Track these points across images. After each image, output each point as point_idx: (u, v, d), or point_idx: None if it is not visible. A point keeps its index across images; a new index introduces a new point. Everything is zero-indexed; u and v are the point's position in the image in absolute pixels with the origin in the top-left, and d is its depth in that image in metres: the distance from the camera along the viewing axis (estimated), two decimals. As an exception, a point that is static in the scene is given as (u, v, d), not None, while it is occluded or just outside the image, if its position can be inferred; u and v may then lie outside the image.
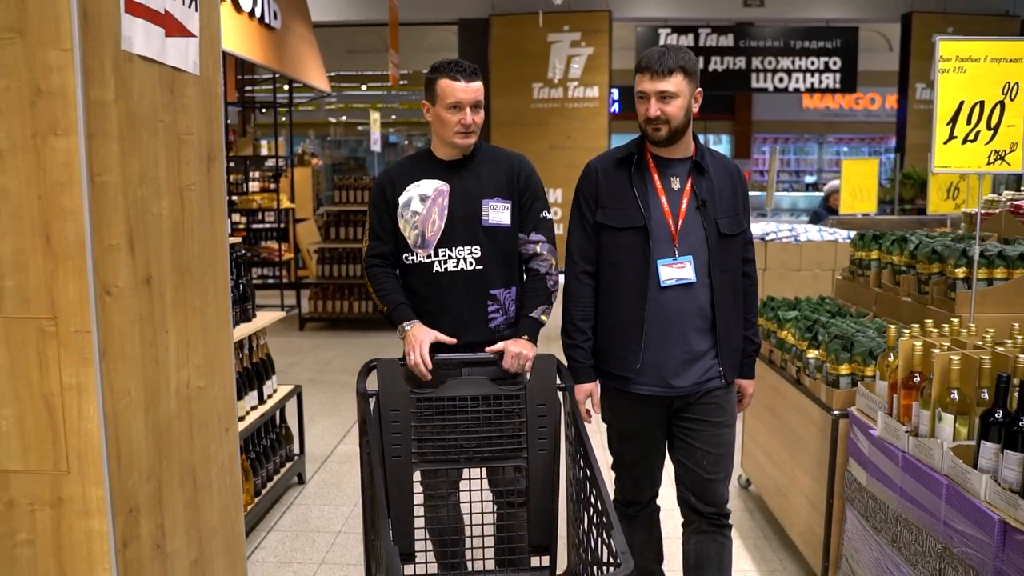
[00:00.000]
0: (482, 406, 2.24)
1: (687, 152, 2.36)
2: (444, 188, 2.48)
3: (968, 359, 2.09)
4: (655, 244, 2.29)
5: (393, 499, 2.22)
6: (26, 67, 1.65)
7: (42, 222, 1.70)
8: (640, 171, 2.35)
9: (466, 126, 2.41)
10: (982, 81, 2.53)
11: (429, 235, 2.48)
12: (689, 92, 2.27)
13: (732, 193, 2.38)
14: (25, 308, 1.72)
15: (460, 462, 2.29)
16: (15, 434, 1.76)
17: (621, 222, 2.33)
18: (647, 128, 2.29)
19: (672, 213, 2.32)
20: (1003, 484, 1.85)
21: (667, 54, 2.24)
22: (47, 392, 1.75)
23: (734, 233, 2.36)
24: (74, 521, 1.79)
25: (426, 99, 2.49)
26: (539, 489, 2.28)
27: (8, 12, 1.64)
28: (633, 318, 2.32)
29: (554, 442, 2.28)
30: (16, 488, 1.79)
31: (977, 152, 2.56)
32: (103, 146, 1.75)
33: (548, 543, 2.31)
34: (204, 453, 2.29)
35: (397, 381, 2.23)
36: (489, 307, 2.49)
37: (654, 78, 2.24)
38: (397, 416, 2.22)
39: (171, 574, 2.08)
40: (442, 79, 2.42)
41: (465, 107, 2.40)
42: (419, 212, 2.48)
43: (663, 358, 2.32)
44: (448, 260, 2.47)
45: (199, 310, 2.25)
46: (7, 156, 1.68)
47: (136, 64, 1.88)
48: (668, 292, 2.30)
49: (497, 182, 2.50)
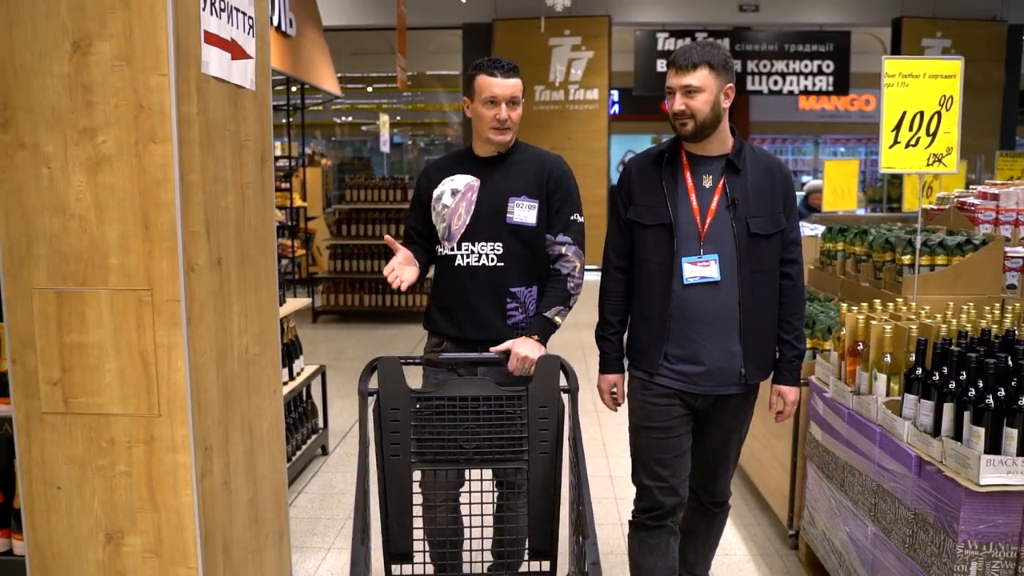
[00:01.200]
0: (483, 407, 2.18)
1: (722, 149, 2.34)
2: (475, 183, 2.51)
3: (899, 329, 2.50)
4: (680, 242, 2.30)
5: (392, 499, 2.19)
6: (131, 88, 2.07)
7: (142, 212, 2.11)
8: (672, 169, 2.35)
9: (501, 121, 2.42)
10: (922, 94, 2.94)
11: (454, 228, 2.51)
12: (717, 87, 2.25)
13: (771, 192, 2.34)
14: (127, 282, 2.14)
15: (460, 463, 2.23)
16: (117, 384, 2.18)
17: (649, 219, 2.34)
18: (675, 123, 2.30)
19: (700, 211, 2.31)
20: (920, 427, 2.26)
21: (693, 49, 2.26)
22: (143, 350, 2.16)
23: (768, 233, 2.32)
24: (163, 455, 2.20)
25: (465, 95, 2.53)
26: (540, 492, 2.22)
27: (119, 44, 2.05)
28: (657, 313, 2.34)
29: (556, 445, 2.23)
30: (116, 428, 2.20)
31: (918, 155, 2.97)
32: (188, 151, 2.16)
33: (548, 548, 2.27)
34: (258, 410, 2.70)
35: (398, 380, 2.18)
36: (508, 304, 2.49)
37: (679, 72, 2.26)
38: (397, 415, 2.17)
39: (234, 507, 2.49)
40: (480, 75, 2.45)
41: (501, 103, 2.42)
42: (448, 205, 2.51)
43: (687, 356, 2.33)
44: (470, 255, 2.49)
45: (254, 288, 2.66)
46: (115, 159, 2.10)
47: (211, 83, 2.30)
48: (692, 290, 2.30)
49: (526, 181, 2.50)
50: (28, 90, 2.09)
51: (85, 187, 2.11)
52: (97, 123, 2.09)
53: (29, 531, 2.27)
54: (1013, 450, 2.00)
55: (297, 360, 4.18)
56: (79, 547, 2.26)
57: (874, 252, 3.43)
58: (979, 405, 2.04)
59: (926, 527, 2.19)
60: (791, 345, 2.43)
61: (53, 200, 2.13)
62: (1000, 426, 2.01)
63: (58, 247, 2.14)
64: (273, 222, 2.84)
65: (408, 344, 7.55)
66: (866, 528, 2.55)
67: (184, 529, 2.23)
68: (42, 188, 2.12)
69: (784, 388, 2.46)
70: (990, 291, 3.09)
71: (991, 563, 2.05)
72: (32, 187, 2.13)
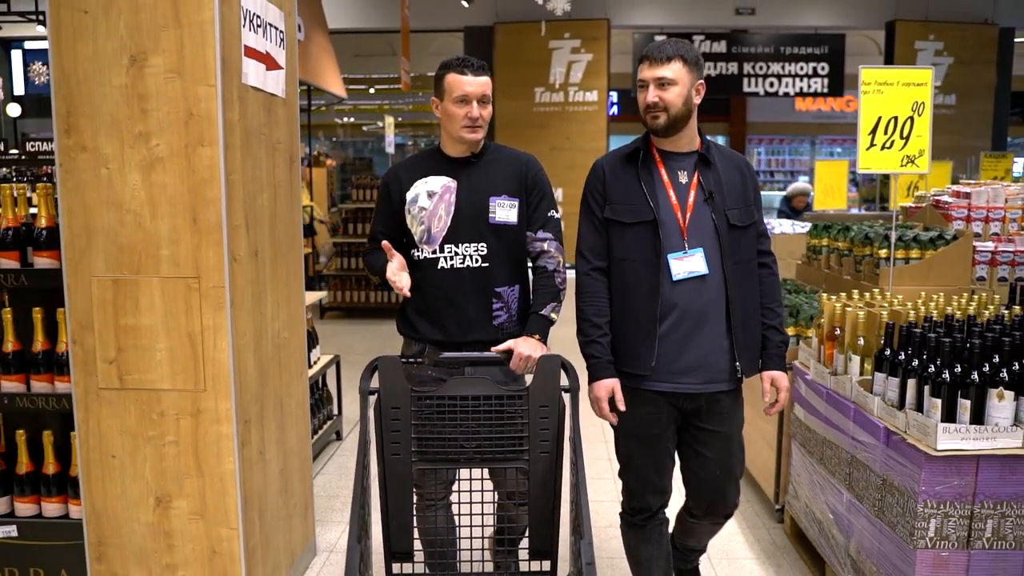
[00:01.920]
0: (483, 406, 2.17)
1: (692, 146, 2.35)
2: (452, 185, 2.46)
3: (871, 315, 2.75)
4: (665, 237, 2.27)
5: (392, 498, 2.18)
6: (182, 98, 2.32)
7: (191, 208, 2.37)
8: (647, 165, 2.33)
9: (473, 119, 2.39)
10: (896, 101, 3.19)
11: (435, 231, 2.46)
12: (689, 82, 2.25)
13: (742, 185, 2.36)
14: (176, 270, 2.39)
15: (460, 462, 2.22)
16: (167, 362, 2.43)
17: (630, 217, 2.30)
18: (646, 117, 2.28)
19: (680, 206, 2.29)
20: (888, 402, 2.52)
21: (667, 43, 2.26)
22: (191, 331, 2.41)
23: (745, 224, 2.34)
24: (208, 427, 2.46)
25: (435, 95, 2.47)
26: (540, 492, 2.21)
27: (171, 59, 2.30)
28: (646, 314, 2.28)
29: (556, 444, 2.21)
30: (166, 402, 2.46)
31: (892, 157, 3.22)
32: (232, 154, 2.42)
33: (549, 548, 2.25)
34: (287, 389, 2.96)
35: (399, 379, 2.16)
36: (494, 305, 2.47)
37: (653, 65, 2.25)
38: (397, 414, 2.16)
39: (267, 475, 2.74)
40: (449, 74, 2.41)
41: (472, 100, 2.38)
42: (426, 208, 2.46)
43: (677, 353, 2.29)
44: (454, 257, 2.45)
45: (284, 279, 2.91)
46: (167, 161, 2.35)
47: (250, 92, 2.55)
48: (681, 286, 2.27)
49: (505, 180, 2.48)
50: (90, 99, 2.35)
51: (140, 185, 2.37)
52: (151, 128, 2.34)
53: (86, 496, 2.52)
54: (967, 419, 2.25)
55: (314, 349, 4.43)
56: (131, 510, 2.51)
57: (855, 247, 3.69)
58: (937, 380, 2.29)
59: (893, 491, 2.44)
60: (776, 330, 2.44)
61: (111, 197, 2.38)
62: (955, 398, 2.26)
63: (115, 239, 2.39)
64: (299, 218, 3.09)
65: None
66: (842, 496, 2.80)
67: (226, 494, 2.48)
68: (101, 186, 2.38)
69: (776, 374, 2.42)
70: (960, 282, 3.34)
71: (948, 520, 2.30)
72: (92, 186, 2.38)
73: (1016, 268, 3.44)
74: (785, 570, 3.19)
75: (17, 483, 2.68)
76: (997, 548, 2.31)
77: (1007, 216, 3.65)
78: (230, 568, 2.51)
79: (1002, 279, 3.44)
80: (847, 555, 2.75)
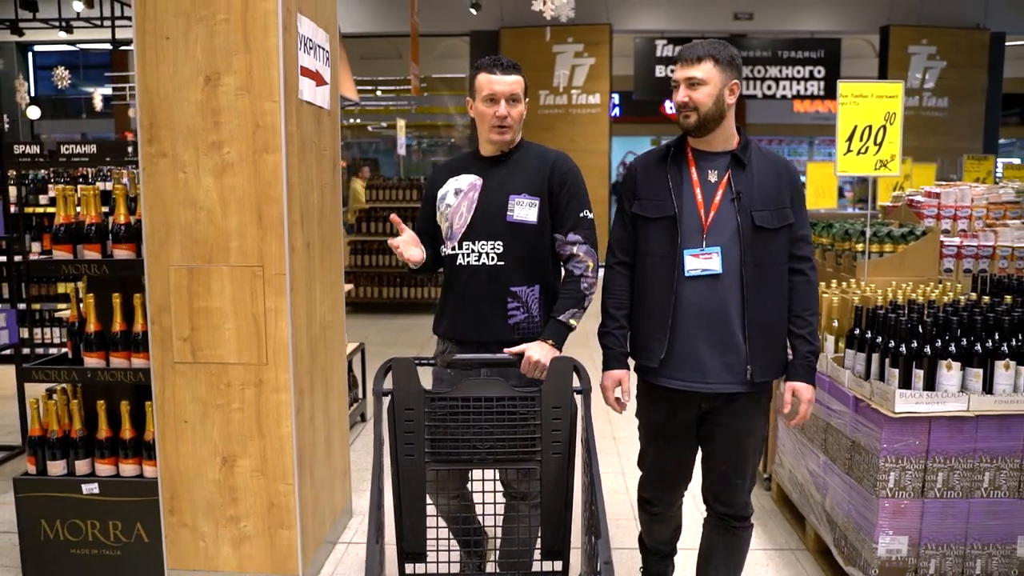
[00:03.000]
0: (496, 407, 2.18)
1: (727, 145, 2.34)
2: (477, 182, 2.50)
3: (844, 300, 3.14)
4: (683, 234, 2.28)
5: (405, 498, 2.19)
6: (250, 112, 2.71)
7: (256, 206, 2.76)
8: (677, 163, 2.35)
9: (500, 118, 2.40)
10: (870, 111, 3.57)
11: (456, 227, 2.50)
12: (721, 82, 2.26)
13: (776, 188, 2.32)
14: (244, 260, 2.78)
15: (473, 463, 2.23)
16: (234, 340, 2.82)
17: (654, 212, 2.33)
18: (679, 116, 2.30)
19: (705, 204, 2.29)
20: (856, 374, 2.90)
21: (699, 44, 2.27)
22: (255, 313, 2.80)
23: (774, 227, 2.29)
24: (269, 395, 2.85)
25: (468, 95, 2.52)
26: (552, 493, 2.22)
27: (241, 78, 2.69)
28: (659, 307, 2.31)
29: (568, 445, 2.22)
30: (233, 374, 2.85)
31: (867, 161, 3.60)
32: (290, 159, 2.80)
33: (561, 548, 2.25)
34: (331, 366, 3.35)
35: (412, 380, 2.17)
36: (509, 304, 2.46)
37: (684, 65, 2.27)
38: (411, 415, 2.17)
39: (316, 441, 3.13)
40: (480, 74, 2.43)
41: (500, 100, 2.40)
42: (451, 205, 2.51)
43: (689, 350, 2.29)
44: (470, 254, 2.47)
45: (329, 268, 3.31)
46: (237, 165, 2.74)
47: (304, 106, 2.94)
48: (694, 283, 2.27)
49: (528, 178, 2.48)
50: (169, 113, 2.74)
51: (212, 187, 2.76)
52: (223, 138, 2.73)
53: (161, 456, 2.92)
54: (920, 386, 2.64)
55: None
56: (200, 468, 2.90)
57: (836, 242, 4.07)
58: (895, 353, 2.68)
59: (860, 450, 2.83)
60: (805, 340, 2.35)
61: (187, 197, 2.77)
62: (910, 368, 2.65)
63: (190, 233, 2.79)
64: (340, 215, 3.48)
65: (425, 332, 8.18)
66: (819, 459, 3.18)
67: (284, 454, 2.87)
68: (178, 188, 2.77)
69: (799, 385, 2.35)
70: (929, 273, 3.72)
71: (905, 473, 2.68)
72: (171, 187, 2.77)
73: (979, 261, 3.82)
74: (771, 529, 3.58)
75: (98, 447, 3.07)
76: (946, 497, 2.69)
77: (972, 214, 4.04)
78: (286, 518, 2.90)
79: (967, 270, 3.83)
80: (823, 510, 3.14)
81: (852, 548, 2.86)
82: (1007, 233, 3.86)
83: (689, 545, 2.85)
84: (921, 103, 13.68)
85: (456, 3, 12.78)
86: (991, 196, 4.12)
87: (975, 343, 2.66)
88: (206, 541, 2.94)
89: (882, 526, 2.70)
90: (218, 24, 2.68)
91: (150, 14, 2.70)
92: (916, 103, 13.60)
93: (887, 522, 2.70)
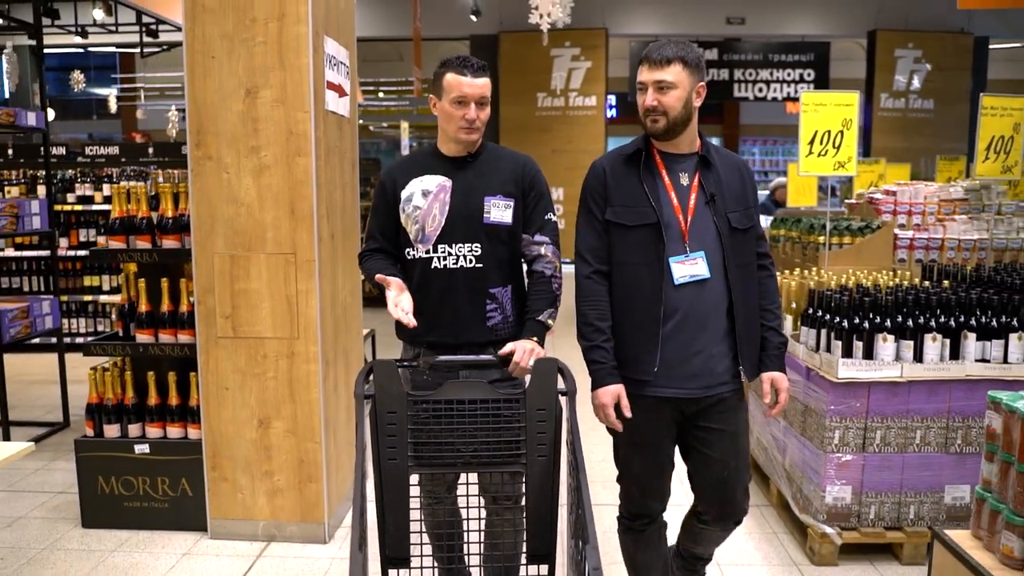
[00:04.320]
0: (480, 410, 2.13)
1: (693, 147, 2.31)
2: (447, 184, 2.44)
3: (802, 284, 3.58)
4: (668, 241, 2.23)
5: (389, 503, 2.14)
6: (284, 120, 3.15)
7: (290, 202, 3.19)
8: (649, 168, 2.28)
9: (470, 121, 2.36)
10: (830, 118, 4.01)
11: (429, 230, 2.44)
12: (689, 84, 2.21)
13: (741, 188, 2.32)
14: (278, 248, 3.22)
15: (457, 466, 2.19)
16: (269, 317, 3.26)
17: (632, 220, 2.26)
18: (646, 120, 2.25)
19: (682, 209, 2.26)
20: (808, 348, 3.34)
21: (667, 45, 2.22)
22: (288, 294, 3.24)
23: (746, 227, 2.30)
24: (300, 365, 3.29)
25: (432, 93, 2.45)
26: (537, 496, 2.17)
27: (277, 92, 3.14)
28: (649, 318, 2.24)
29: (553, 448, 2.17)
30: (268, 347, 3.28)
31: (827, 162, 4.04)
32: (319, 162, 3.24)
33: (547, 552, 2.20)
34: (351, 343, 3.79)
35: (394, 383, 2.11)
36: (488, 306, 2.45)
37: (652, 68, 2.21)
38: (393, 419, 2.11)
39: (338, 406, 3.57)
40: (449, 73, 2.37)
41: (470, 102, 2.35)
42: (420, 207, 2.43)
43: (680, 358, 2.25)
44: (447, 257, 2.43)
45: (349, 257, 3.75)
46: (272, 167, 3.18)
47: (329, 116, 3.38)
48: (683, 290, 2.23)
49: (501, 180, 2.46)
50: (214, 121, 3.18)
51: (251, 186, 3.20)
52: (261, 143, 3.17)
53: (205, 420, 3.36)
54: (860, 355, 3.08)
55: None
56: (239, 430, 3.34)
57: (802, 235, 4.52)
58: (839, 328, 3.12)
59: (811, 413, 3.27)
60: (775, 332, 2.39)
61: (229, 194, 3.21)
62: (851, 340, 3.09)
63: (232, 225, 3.22)
64: (358, 210, 3.92)
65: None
66: (780, 425, 3.62)
67: (313, 416, 3.31)
68: (222, 186, 3.21)
69: (776, 375, 2.36)
70: (884, 263, 4.17)
71: (848, 431, 3.12)
72: (215, 186, 3.21)
73: (929, 251, 4.27)
74: (741, 490, 4.00)
75: (147, 413, 3.51)
76: (883, 452, 3.14)
77: (925, 211, 4.48)
78: (314, 473, 3.34)
79: (919, 260, 4.27)
80: (783, 469, 3.58)
81: (806, 499, 3.30)
82: (954, 227, 4.30)
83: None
84: (908, 105, 14.13)
85: (457, 8, 13.22)
86: (942, 194, 4.56)
87: (907, 319, 3.10)
88: (244, 493, 3.38)
89: (829, 477, 3.14)
90: (257, 46, 3.13)
91: (199, 36, 3.14)
92: (903, 105, 14.06)
93: (833, 474, 3.14)
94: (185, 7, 3.13)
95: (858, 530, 3.16)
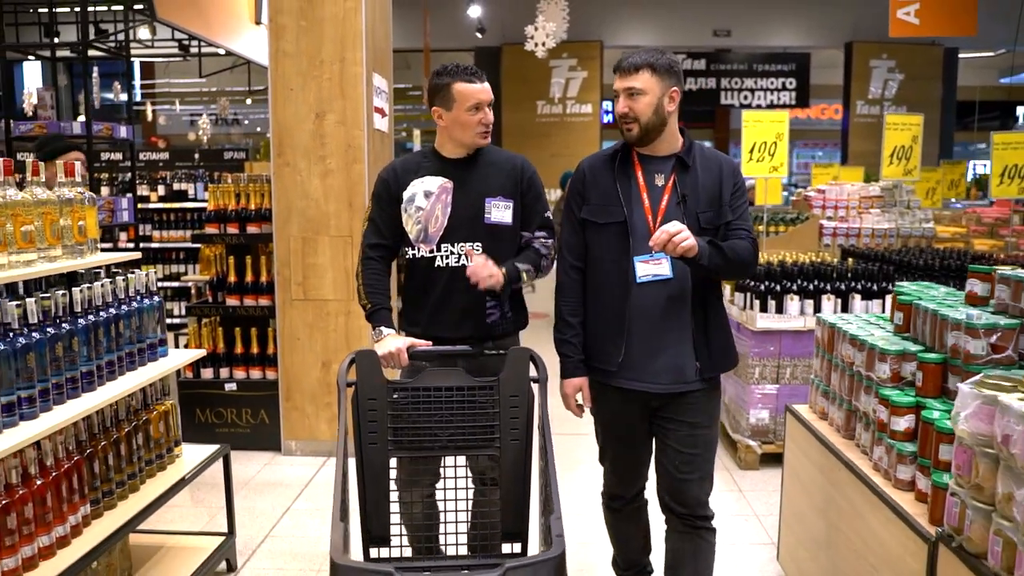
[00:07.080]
0: (456, 396, 2.23)
1: (672, 149, 2.35)
2: (448, 185, 2.50)
3: (738, 261, 4.64)
4: (634, 241, 2.29)
5: (369, 485, 2.24)
6: (344, 137, 4.23)
7: (348, 198, 4.26)
8: (624, 168, 2.35)
9: (487, 125, 2.48)
10: (766, 131, 5.07)
11: (432, 231, 2.49)
12: (660, 90, 2.26)
13: (717, 186, 2.31)
14: (339, 232, 4.29)
15: (435, 450, 2.28)
16: (331, 284, 4.33)
17: (603, 218, 2.33)
18: (621, 127, 2.30)
19: (652, 210, 2.31)
20: (738, 307, 4.40)
21: (637, 53, 2.27)
22: (346, 267, 4.31)
23: (715, 226, 2.29)
24: (354, 321, 4.35)
25: (437, 105, 2.49)
26: (511, 477, 2.26)
27: (339, 115, 4.21)
28: (615, 313, 2.32)
29: (526, 432, 2.26)
30: (330, 307, 4.35)
31: (764, 166, 5.10)
32: (369, 168, 4.31)
33: (520, 530, 2.30)
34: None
35: (375, 372, 2.21)
36: (488, 303, 2.52)
37: (623, 76, 2.28)
38: (374, 405, 2.20)
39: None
40: (457, 83, 2.44)
41: (484, 107, 2.47)
42: (423, 208, 2.49)
43: (645, 353, 2.30)
44: (449, 256, 2.49)
45: (387, 241, 4.81)
46: (335, 172, 4.25)
47: (375, 132, 4.45)
48: (646, 288, 2.29)
49: (501, 181, 2.53)
50: (292, 136, 4.25)
51: (319, 185, 4.26)
52: (327, 153, 4.24)
53: (280, 364, 4.43)
54: (772, 310, 4.14)
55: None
56: (307, 370, 4.41)
57: (749, 226, 5.58)
58: (759, 290, 4.18)
59: (741, 356, 4.33)
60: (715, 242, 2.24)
61: (302, 191, 4.28)
62: (767, 299, 4.15)
63: (304, 215, 4.29)
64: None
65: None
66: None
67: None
68: (296, 186, 4.28)
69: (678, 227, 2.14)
70: (811, 247, 5.22)
71: (765, 368, 4.17)
72: (291, 185, 4.28)
73: (849, 238, 5.33)
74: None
75: (235, 359, 4.57)
76: (792, 384, 4.19)
77: (848, 205, 5.55)
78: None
79: (840, 245, 5.33)
80: (724, 404, 4.64)
81: (735, 421, 4.36)
82: (870, 218, 5.36)
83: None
84: (882, 112, 15.16)
85: (462, 23, 14.27)
86: (863, 192, 5.62)
87: (809, 284, 4.17)
88: (310, 419, 4.44)
89: (752, 403, 4.20)
90: (324, 80, 4.19)
91: (280, 72, 4.21)
92: (877, 112, 15.08)
93: (755, 400, 4.20)
94: (270, 52, 4.20)
95: (773, 443, 4.22)
